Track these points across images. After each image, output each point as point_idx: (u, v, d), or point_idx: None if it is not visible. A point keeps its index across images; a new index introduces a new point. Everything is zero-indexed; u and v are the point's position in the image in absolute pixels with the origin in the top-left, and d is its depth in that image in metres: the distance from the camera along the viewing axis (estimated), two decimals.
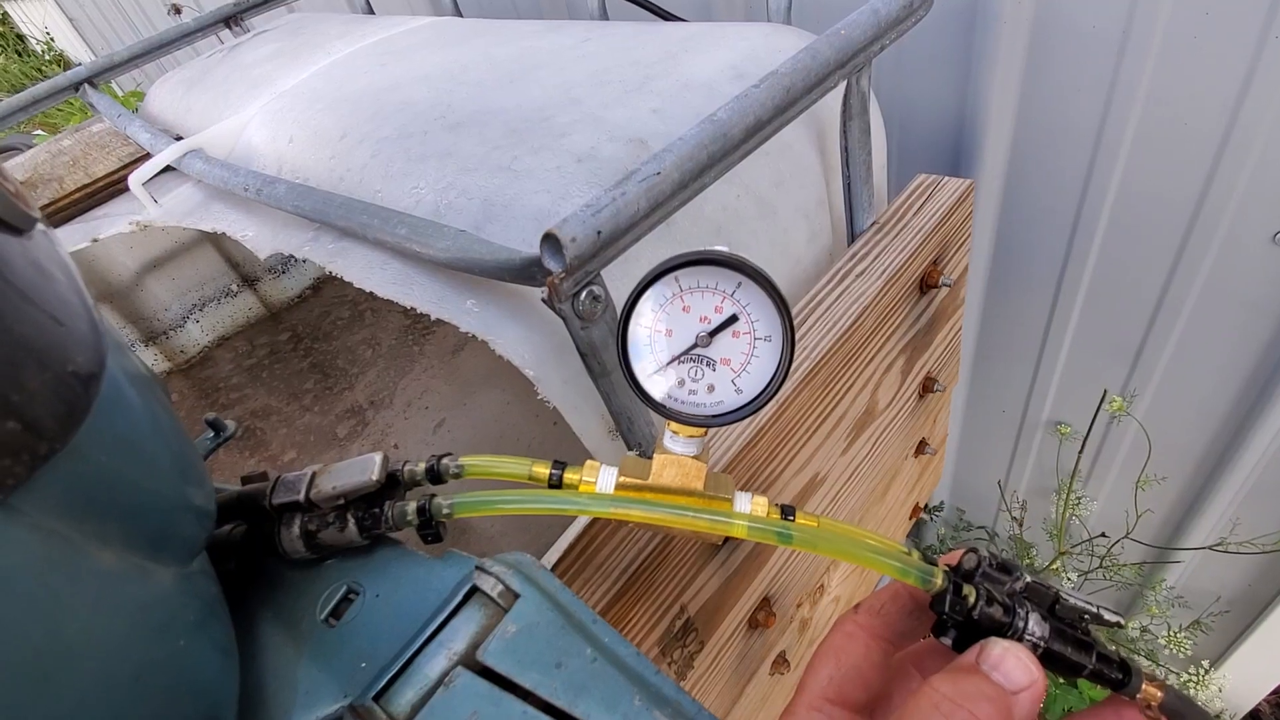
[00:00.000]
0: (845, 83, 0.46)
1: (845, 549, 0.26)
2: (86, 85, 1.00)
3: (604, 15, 0.78)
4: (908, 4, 0.44)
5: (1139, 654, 1.09)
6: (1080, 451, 0.95)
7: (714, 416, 0.27)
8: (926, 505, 1.34)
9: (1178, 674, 1.02)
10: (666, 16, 0.74)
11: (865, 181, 0.51)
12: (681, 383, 0.27)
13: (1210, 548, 0.92)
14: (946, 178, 0.56)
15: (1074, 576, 1.05)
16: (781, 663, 0.57)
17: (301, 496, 0.28)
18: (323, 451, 1.10)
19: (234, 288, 1.38)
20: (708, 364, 0.27)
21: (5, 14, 5.50)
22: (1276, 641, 0.99)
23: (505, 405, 1.11)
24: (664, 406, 0.27)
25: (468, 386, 1.15)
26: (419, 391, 1.16)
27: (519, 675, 0.22)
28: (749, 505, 0.28)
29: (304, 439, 1.14)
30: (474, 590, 0.25)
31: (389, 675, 0.23)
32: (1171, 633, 1.01)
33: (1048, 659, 0.24)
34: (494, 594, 0.25)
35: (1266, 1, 0.59)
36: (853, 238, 0.54)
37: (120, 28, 3.39)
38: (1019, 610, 0.24)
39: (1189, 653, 1.00)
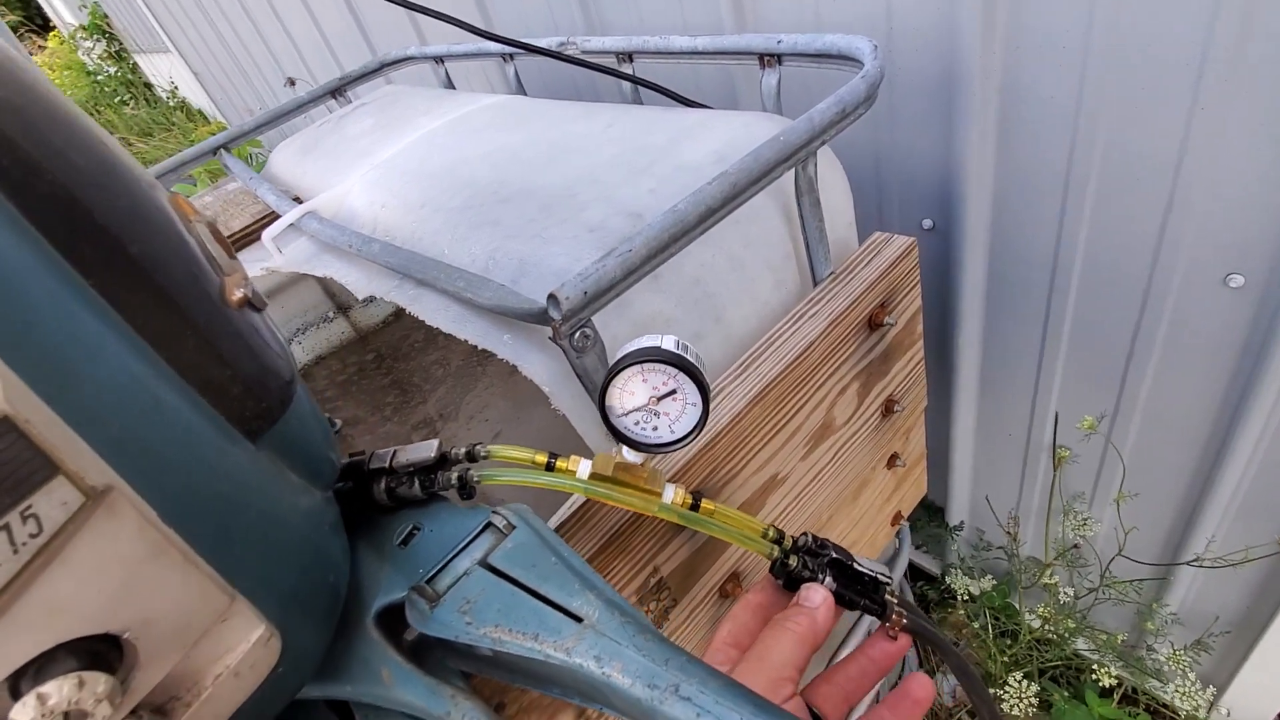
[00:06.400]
0: (794, 169, 0.59)
1: (719, 531, 0.41)
2: (222, 150, 1.23)
3: (637, 99, 0.94)
4: (840, 111, 0.58)
5: (1146, 671, 1.13)
6: (1056, 469, 1.02)
7: (655, 445, 0.41)
8: (950, 525, 1.42)
9: (1186, 696, 1.06)
10: (687, 102, 0.89)
11: (819, 242, 0.64)
12: (637, 423, 0.41)
13: (1188, 563, 0.97)
14: (896, 235, 0.68)
15: (1069, 591, 1.11)
16: None
17: (387, 465, 0.44)
18: None
19: (330, 314, 1.61)
20: (655, 414, 0.41)
21: (135, 65, 6.25)
22: (1275, 661, 1.02)
23: (553, 420, 1.27)
24: (625, 436, 0.41)
25: (522, 403, 1.32)
26: (480, 406, 1.34)
27: (510, 570, 0.37)
28: (672, 494, 0.42)
29: (385, 445, 1.33)
30: (488, 524, 0.40)
31: (435, 570, 0.38)
32: (1174, 651, 1.05)
33: (837, 598, 0.38)
34: (500, 526, 0.40)
35: (1191, 83, 0.68)
36: (815, 285, 0.67)
37: (238, 81, 3.83)
38: (819, 573, 0.38)
39: (1189, 671, 1.04)
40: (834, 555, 0.39)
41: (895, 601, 0.39)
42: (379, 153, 0.98)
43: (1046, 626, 1.18)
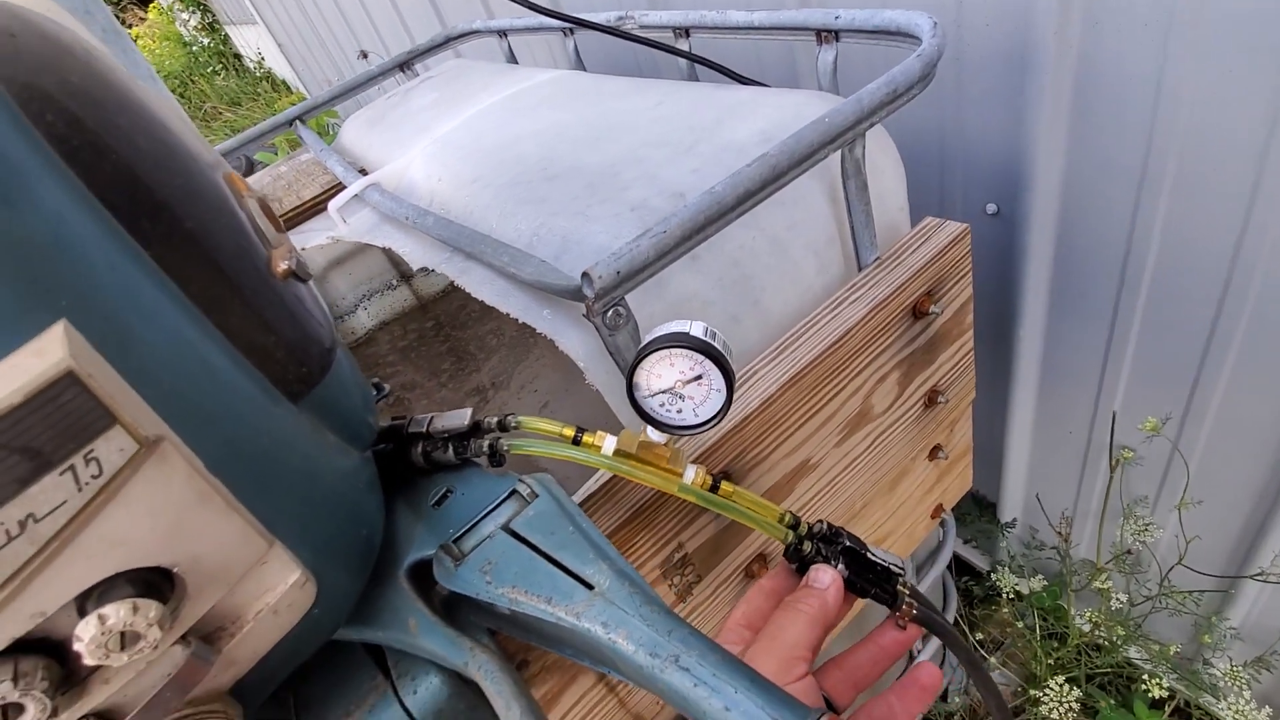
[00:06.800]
0: (841, 151, 0.58)
1: (737, 513, 0.41)
2: (298, 122, 1.29)
3: (694, 76, 0.94)
4: (891, 91, 0.56)
5: (1200, 685, 1.08)
6: (1114, 471, 0.97)
7: (679, 427, 0.42)
8: (1001, 521, 1.38)
9: (1242, 714, 1.01)
10: (741, 79, 0.88)
11: (866, 226, 0.63)
12: (663, 405, 0.42)
13: (1252, 577, 0.92)
14: (948, 221, 0.66)
15: (1123, 597, 1.06)
16: None
17: (424, 430, 0.46)
18: None
19: (394, 282, 1.66)
20: (680, 397, 0.42)
21: (226, 36, 6.56)
22: None
23: (599, 394, 1.30)
24: (650, 417, 0.42)
25: (572, 375, 1.35)
26: (531, 376, 1.38)
27: (530, 536, 0.39)
28: (693, 475, 0.43)
29: (438, 410, 1.39)
30: (514, 491, 0.42)
31: (461, 531, 0.41)
32: (1232, 667, 1.00)
33: (849, 585, 0.38)
34: (524, 494, 0.42)
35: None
36: (860, 270, 0.66)
37: (318, 53, 3.97)
38: (833, 560, 0.38)
39: (1246, 689, 0.99)
40: (847, 543, 0.40)
41: (906, 592, 0.39)
42: (440, 127, 1.01)
43: (1097, 631, 1.14)
